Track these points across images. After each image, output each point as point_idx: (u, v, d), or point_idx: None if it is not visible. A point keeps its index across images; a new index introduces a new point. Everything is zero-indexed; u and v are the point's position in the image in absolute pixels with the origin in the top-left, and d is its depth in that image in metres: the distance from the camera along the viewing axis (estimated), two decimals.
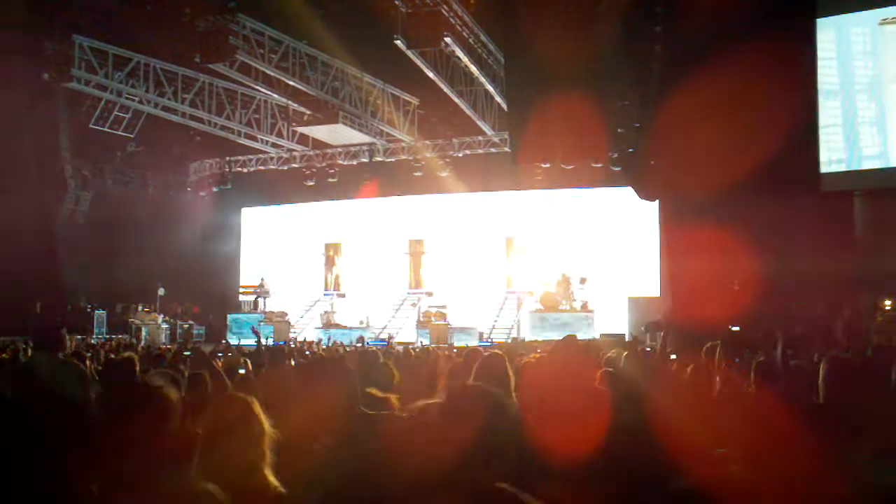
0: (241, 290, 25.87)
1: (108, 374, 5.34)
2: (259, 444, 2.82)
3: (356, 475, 2.81)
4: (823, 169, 16.35)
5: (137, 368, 5.41)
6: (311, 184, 24.04)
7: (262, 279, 24.69)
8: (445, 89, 18.17)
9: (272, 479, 2.80)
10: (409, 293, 23.47)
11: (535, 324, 19.94)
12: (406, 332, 21.41)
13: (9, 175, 18.71)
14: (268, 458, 2.82)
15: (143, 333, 21.32)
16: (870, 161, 16.14)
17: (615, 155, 18.24)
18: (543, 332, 18.78)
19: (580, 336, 12.72)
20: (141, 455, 2.74)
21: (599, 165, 19.08)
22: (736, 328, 12.53)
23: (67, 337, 16.37)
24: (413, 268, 23.85)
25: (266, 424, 2.87)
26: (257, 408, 2.88)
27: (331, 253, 24.94)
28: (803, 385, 4.69)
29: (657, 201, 19.76)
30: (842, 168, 16.38)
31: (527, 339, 18.06)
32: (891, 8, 15.76)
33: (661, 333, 16.76)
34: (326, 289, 24.58)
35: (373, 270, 23.99)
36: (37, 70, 17.56)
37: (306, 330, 22.54)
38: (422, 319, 21.58)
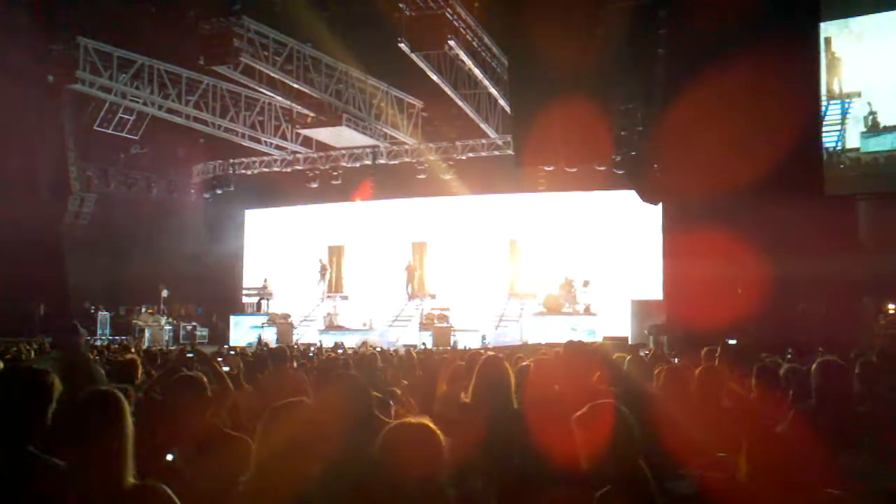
0: (244, 291, 25.87)
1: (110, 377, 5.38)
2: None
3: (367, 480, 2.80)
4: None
5: (140, 372, 5.45)
6: (315, 186, 24.08)
7: (266, 281, 24.71)
8: (449, 92, 18.18)
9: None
10: (409, 299, 23.40)
11: (538, 326, 19.88)
12: (409, 335, 21.38)
13: (13, 177, 18.75)
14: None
15: (147, 335, 21.32)
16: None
17: (618, 158, 18.22)
18: (546, 335, 18.71)
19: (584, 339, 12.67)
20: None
21: (603, 168, 19.05)
22: (733, 341, 12.47)
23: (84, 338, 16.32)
24: (416, 270, 23.81)
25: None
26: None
27: (333, 255, 24.94)
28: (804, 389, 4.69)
29: (660, 205, 19.74)
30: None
31: (530, 342, 18.02)
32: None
33: (655, 336, 16.78)
34: (329, 290, 24.56)
35: (376, 272, 23.97)
36: (42, 72, 17.61)
37: (309, 331, 22.54)
38: (424, 322, 21.55)
